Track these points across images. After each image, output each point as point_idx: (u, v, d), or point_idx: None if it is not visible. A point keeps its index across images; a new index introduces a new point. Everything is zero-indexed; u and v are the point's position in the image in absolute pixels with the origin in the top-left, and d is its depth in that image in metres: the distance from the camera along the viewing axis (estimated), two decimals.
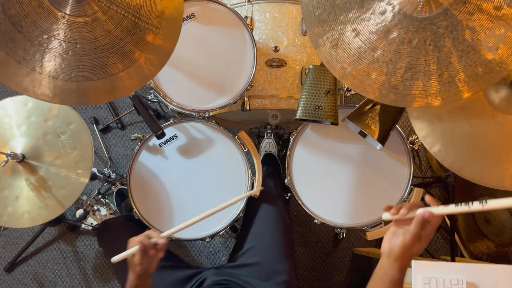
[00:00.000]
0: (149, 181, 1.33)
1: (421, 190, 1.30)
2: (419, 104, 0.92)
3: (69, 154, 1.26)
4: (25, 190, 1.24)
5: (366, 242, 1.95)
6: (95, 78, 0.93)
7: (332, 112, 1.29)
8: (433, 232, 0.79)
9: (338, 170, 1.34)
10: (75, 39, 0.91)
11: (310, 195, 1.33)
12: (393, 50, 0.90)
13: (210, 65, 1.34)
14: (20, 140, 1.27)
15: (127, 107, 2.11)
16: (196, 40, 1.33)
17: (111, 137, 2.10)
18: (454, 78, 0.89)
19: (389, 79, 0.92)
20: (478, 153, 1.04)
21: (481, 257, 1.75)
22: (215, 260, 1.98)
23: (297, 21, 1.46)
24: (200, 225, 1.30)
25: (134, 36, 0.95)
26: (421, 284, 1.05)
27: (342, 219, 1.31)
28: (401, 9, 0.88)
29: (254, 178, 1.34)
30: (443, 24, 0.86)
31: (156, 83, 1.32)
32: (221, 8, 1.34)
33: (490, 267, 1.06)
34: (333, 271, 1.95)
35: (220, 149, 1.36)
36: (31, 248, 1.99)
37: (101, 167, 2.03)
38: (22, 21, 0.87)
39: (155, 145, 1.36)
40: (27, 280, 1.97)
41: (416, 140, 1.38)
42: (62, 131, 1.28)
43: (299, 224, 1.98)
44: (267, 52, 1.44)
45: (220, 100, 1.33)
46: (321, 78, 1.30)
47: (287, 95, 1.45)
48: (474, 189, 1.72)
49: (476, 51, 0.86)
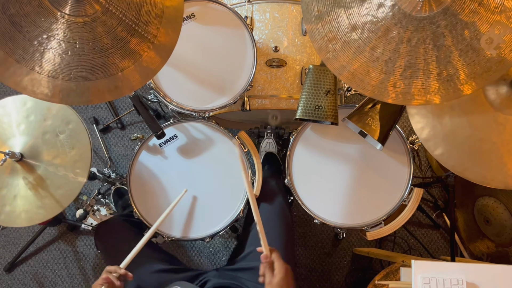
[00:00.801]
0: (149, 181, 1.33)
1: (421, 190, 1.30)
2: (418, 102, 0.92)
3: (68, 153, 1.26)
4: (23, 189, 1.24)
5: (366, 242, 1.95)
6: (94, 78, 0.93)
7: (332, 112, 1.29)
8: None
9: (338, 170, 1.34)
10: (75, 39, 0.91)
11: (310, 195, 1.33)
12: (392, 49, 0.90)
13: (210, 65, 1.34)
14: (19, 139, 1.27)
15: (127, 107, 2.11)
16: (196, 40, 1.33)
17: (111, 137, 2.10)
18: (453, 76, 0.89)
19: (388, 77, 0.92)
20: (480, 154, 1.04)
21: (481, 257, 1.74)
22: (215, 260, 1.98)
23: (297, 21, 1.46)
24: (200, 225, 1.31)
25: (134, 36, 0.95)
26: (421, 284, 1.05)
27: (342, 219, 1.31)
28: (399, 7, 0.88)
29: (254, 178, 1.34)
30: (442, 23, 0.86)
31: (156, 83, 1.32)
32: (221, 8, 1.34)
33: (490, 267, 1.06)
34: (333, 271, 1.95)
35: (220, 149, 1.36)
36: (31, 248, 1.99)
37: (101, 167, 2.03)
38: (21, 20, 0.87)
39: (155, 145, 1.36)
40: (27, 280, 1.98)
41: (416, 140, 1.38)
42: (60, 130, 1.27)
43: (299, 224, 1.98)
44: (267, 52, 1.44)
45: (220, 100, 1.33)
46: (321, 78, 1.30)
47: (287, 95, 1.45)
48: (474, 189, 1.72)
49: (475, 50, 0.87)
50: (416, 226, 1.98)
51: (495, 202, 1.60)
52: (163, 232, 1.29)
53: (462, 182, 1.74)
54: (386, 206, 1.30)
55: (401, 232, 1.97)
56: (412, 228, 1.98)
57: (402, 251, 1.96)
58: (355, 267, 1.95)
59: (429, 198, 1.99)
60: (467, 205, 1.76)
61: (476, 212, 1.72)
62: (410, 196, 1.29)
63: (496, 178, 1.03)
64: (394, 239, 1.95)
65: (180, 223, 1.31)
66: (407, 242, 1.96)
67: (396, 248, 1.96)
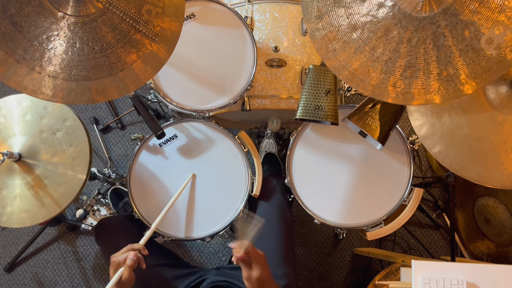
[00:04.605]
0: (149, 181, 1.33)
1: (421, 190, 1.30)
2: (418, 102, 0.92)
3: (66, 151, 1.26)
4: (22, 189, 1.24)
5: (366, 242, 1.95)
6: (94, 77, 0.93)
7: (332, 112, 1.29)
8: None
9: (338, 170, 1.34)
10: (75, 39, 0.91)
11: (310, 195, 1.33)
12: (392, 49, 0.90)
13: (210, 65, 1.34)
14: (16, 139, 1.26)
15: (127, 107, 2.11)
16: (196, 40, 1.33)
17: (111, 137, 2.10)
18: (453, 76, 0.89)
19: (388, 77, 0.92)
20: (478, 153, 1.05)
21: (481, 257, 1.74)
22: (215, 260, 1.98)
23: (297, 21, 1.46)
24: (200, 225, 1.31)
25: (134, 36, 0.95)
26: (421, 284, 1.05)
27: (342, 219, 1.31)
28: (399, 7, 0.88)
29: (254, 178, 1.34)
30: (442, 23, 0.87)
31: (156, 83, 1.32)
32: (221, 8, 1.35)
33: (490, 267, 1.06)
34: (333, 271, 1.95)
35: (220, 149, 1.36)
36: (31, 248, 1.99)
37: (101, 167, 2.03)
38: (22, 21, 0.88)
39: (155, 145, 1.36)
40: (27, 280, 1.98)
41: (416, 140, 1.38)
42: (57, 128, 1.27)
43: (299, 224, 1.98)
44: (267, 52, 1.45)
45: (220, 100, 1.33)
46: (321, 78, 1.30)
47: (287, 95, 1.45)
48: (474, 189, 1.72)
49: (475, 50, 0.87)
50: (416, 226, 1.98)
51: (495, 202, 1.60)
52: (163, 232, 1.29)
53: (462, 182, 1.74)
54: (386, 206, 1.31)
55: (401, 232, 1.97)
56: (412, 228, 1.98)
57: (402, 251, 1.96)
58: (355, 267, 1.95)
59: (429, 198, 1.99)
60: (467, 205, 1.76)
61: (476, 212, 1.72)
62: (410, 196, 1.29)
63: (493, 177, 1.04)
64: (394, 239, 1.96)
65: (180, 223, 1.31)
66: (407, 242, 1.96)
67: (396, 248, 1.96)
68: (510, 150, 1.02)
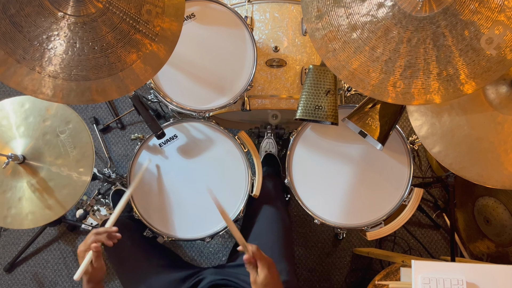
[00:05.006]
0: (149, 181, 1.33)
1: (421, 190, 1.30)
2: (418, 102, 0.92)
3: (70, 153, 1.26)
4: (27, 191, 1.24)
5: (366, 242, 1.95)
6: (94, 77, 0.93)
7: (332, 112, 1.29)
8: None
9: (338, 170, 1.34)
10: (75, 39, 0.91)
11: (310, 195, 1.33)
12: (392, 48, 0.90)
13: (210, 65, 1.34)
14: (20, 141, 1.26)
15: (127, 107, 2.11)
16: (196, 40, 1.33)
17: (111, 137, 2.10)
18: (453, 76, 0.89)
19: (388, 77, 0.92)
20: (477, 153, 1.04)
21: (481, 257, 1.74)
22: (215, 260, 1.98)
23: (297, 21, 1.46)
24: (200, 225, 1.31)
25: (134, 36, 0.95)
26: (421, 284, 1.05)
27: (342, 219, 1.31)
28: (399, 7, 0.88)
29: (254, 178, 1.34)
30: (442, 23, 0.87)
31: (156, 83, 1.32)
32: (221, 8, 1.35)
33: (490, 267, 1.06)
34: (333, 271, 1.95)
35: (220, 149, 1.36)
36: (31, 248, 1.99)
37: (101, 167, 2.03)
38: (22, 21, 0.88)
39: (155, 145, 1.36)
40: (27, 280, 1.98)
41: (416, 140, 1.38)
42: (61, 130, 1.27)
43: (299, 224, 1.98)
44: (267, 52, 1.45)
45: (220, 100, 1.33)
46: (321, 78, 1.30)
47: (287, 95, 1.45)
48: (474, 189, 1.72)
49: (475, 50, 0.87)
50: (416, 226, 1.98)
51: (495, 202, 1.60)
52: (163, 232, 1.29)
53: (462, 182, 1.74)
54: (386, 206, 1.31)
55: (401, 232, 1.97)
56: (412, 228, 1.98)
57: (402, 251, 1.96)
58: (355, 267, 1.95)
59: (429, 198, 1.99)
60: (467, 205, 1.76)
61: (476, 212, 1.72)
62: (410, 196, 1.29)
63: (492, 177, 1.04)
64: (394, 239, 1.96)
65: (180, 223, 1.31)
66: (407, 242, 1.96)
67: (396, 248, 1.96)
68: (510, 150, 1.02)
